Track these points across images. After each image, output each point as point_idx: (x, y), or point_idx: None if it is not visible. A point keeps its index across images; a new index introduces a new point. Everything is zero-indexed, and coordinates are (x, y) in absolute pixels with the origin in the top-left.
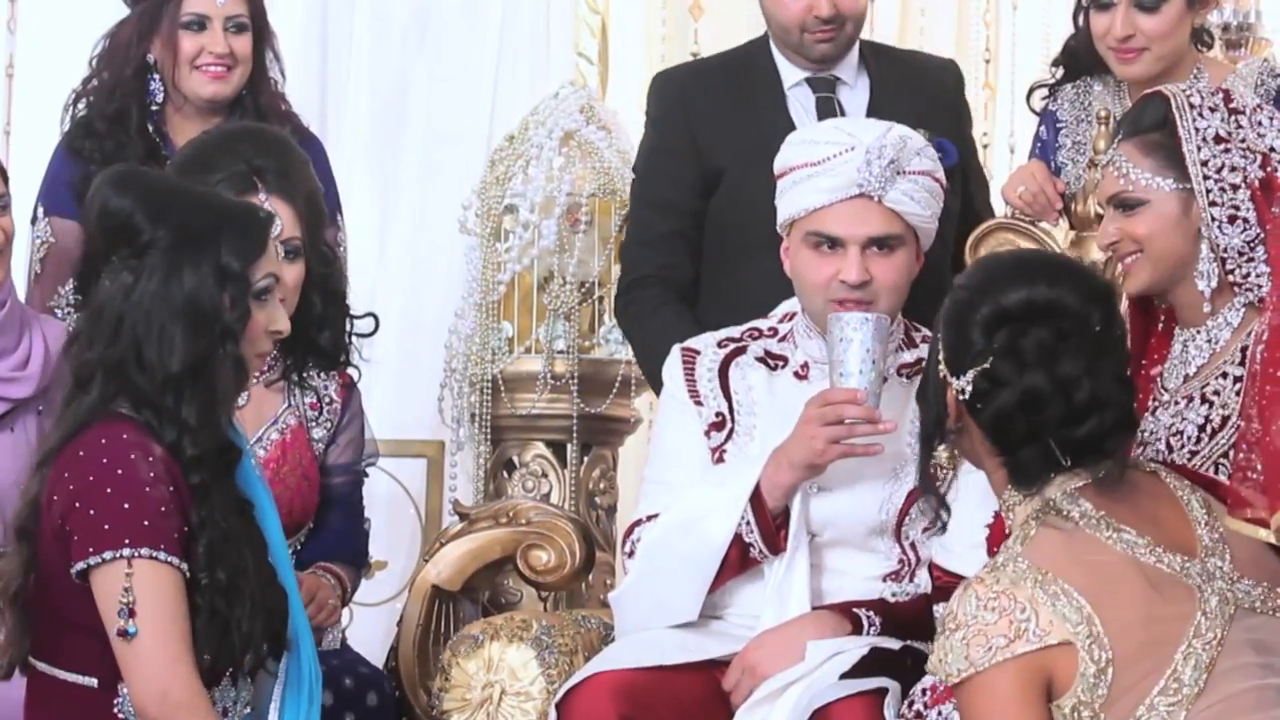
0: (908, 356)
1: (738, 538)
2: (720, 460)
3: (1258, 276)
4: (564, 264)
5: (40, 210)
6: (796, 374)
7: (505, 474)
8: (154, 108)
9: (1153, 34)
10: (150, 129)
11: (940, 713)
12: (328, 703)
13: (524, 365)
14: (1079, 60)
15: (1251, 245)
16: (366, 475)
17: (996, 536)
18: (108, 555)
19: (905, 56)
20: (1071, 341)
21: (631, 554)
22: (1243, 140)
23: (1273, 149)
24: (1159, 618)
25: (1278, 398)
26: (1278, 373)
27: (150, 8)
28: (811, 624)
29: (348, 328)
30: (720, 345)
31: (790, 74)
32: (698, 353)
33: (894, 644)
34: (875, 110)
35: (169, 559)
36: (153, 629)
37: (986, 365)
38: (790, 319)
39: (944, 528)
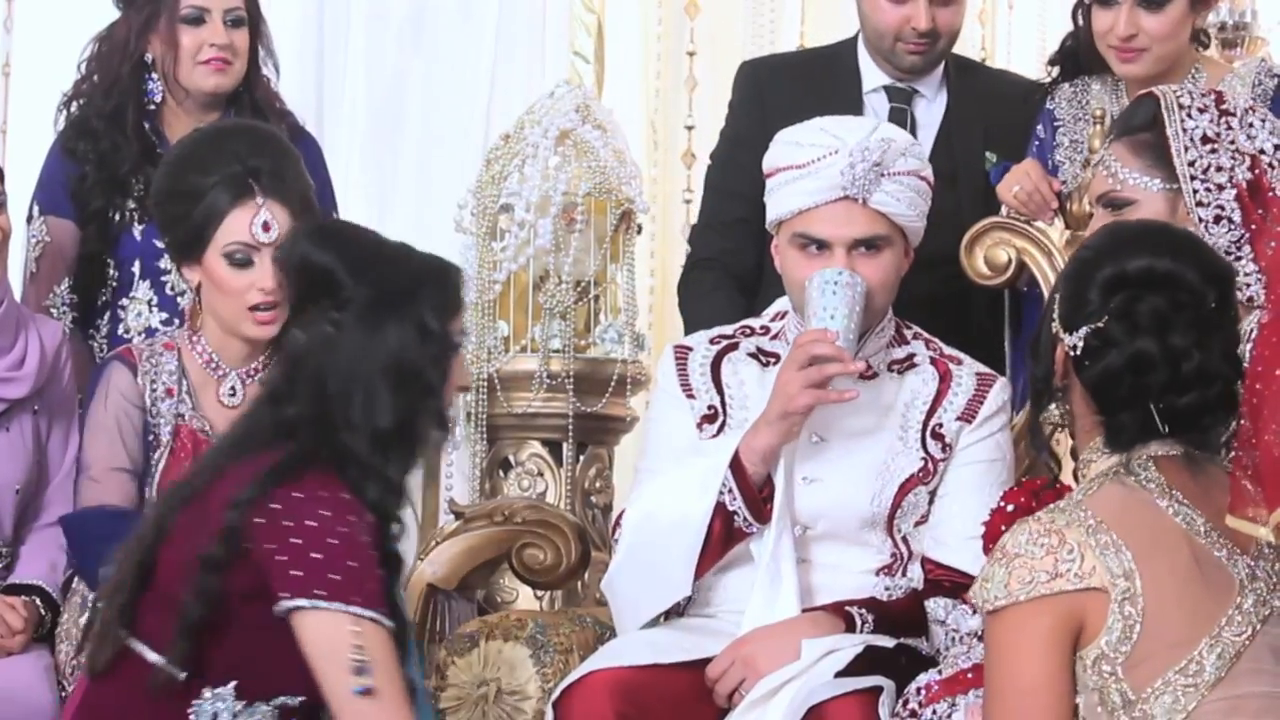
0: (898, 353)
1: (721, 508)
2: None
3: (1245, 276)
4: (560, 263)
5: (35, 209)
6: None
7: (501, 473)
8: (151, 106)
9: (1155, 34)
10: (146, 127)
11: (935, 711)
12: None
13: (520, 364)
14: (1076, 60)
15: (1237, 245)
16: None
17: (993, 531)
18: (335, 605)
19: (992, 76)
20: (1185, 314)
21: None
22: (1232, 141)
23: (1262, 151)
24: (1197, 598)
25: (1267, 397)
26: (1268, 371)
27: (146, 5)
28: (807, 623)
29: None
30: (713, 342)
31: (871, 79)
32: (690, 349)
33: (888, 642)
34: (947, 127)
35: (388, 624)
36: (391, 690)
37: (1100, 324)
38: (782, 318)
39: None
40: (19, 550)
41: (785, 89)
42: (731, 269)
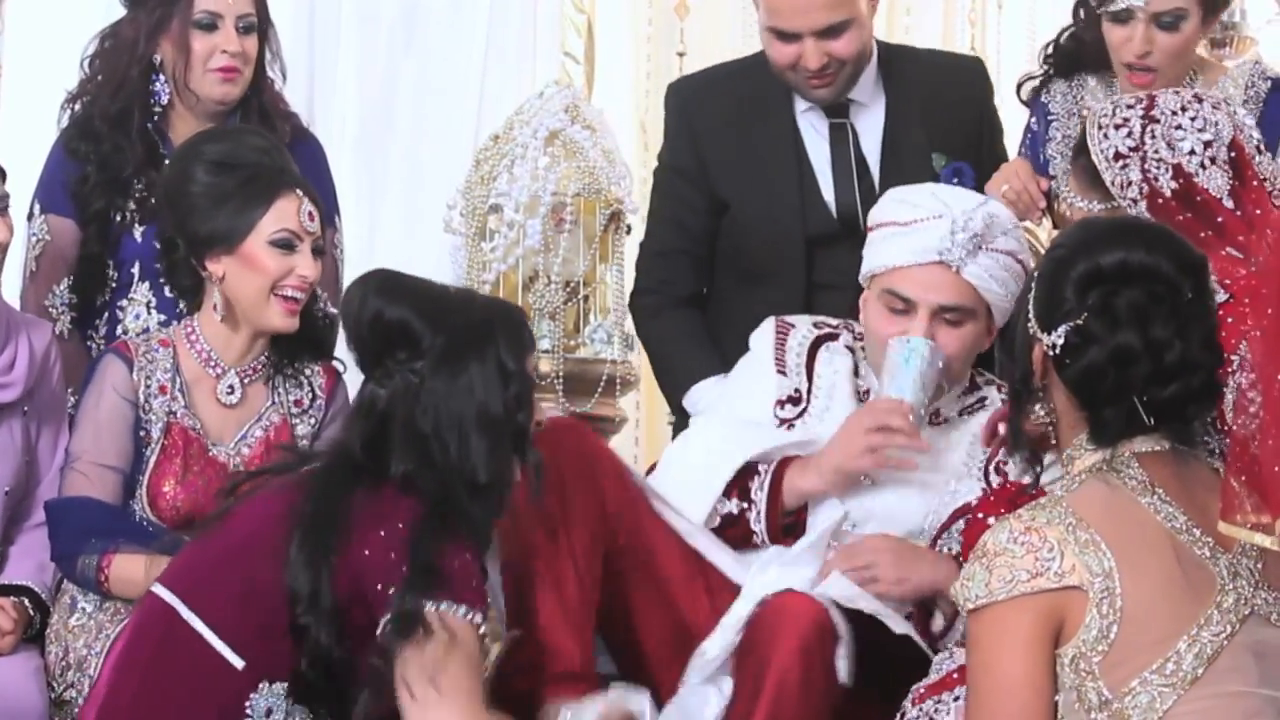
0: (970, 399)
1: (741, 515)
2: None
3: None
4: (549, 263)
5: (36, 208)
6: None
7: None
8: (157, 109)
9: (1170, 51)
10: (150, 129)
11: (921, 710)
12: None
13: None
14: (1072, 60)
15: None
16: None
17: (970, 543)
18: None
19: (924, 65)
20: (1164, 305)
21: None
22: (1156, 152)
23: (1192, 151)
24: (1176, 597)
25: (1267, 404)
26: (1268, 377)
27: (158, 7)
28: (929, 561)
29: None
30: (816, 325)
31: (803, 98)
32: (792, 326)
33: (905, 626)
34: (890, 132)
35: None
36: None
37: (1079, 321)
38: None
39: (1037, 480)
40: (8, 551)
41: (715, 114)
42: (671, 297)
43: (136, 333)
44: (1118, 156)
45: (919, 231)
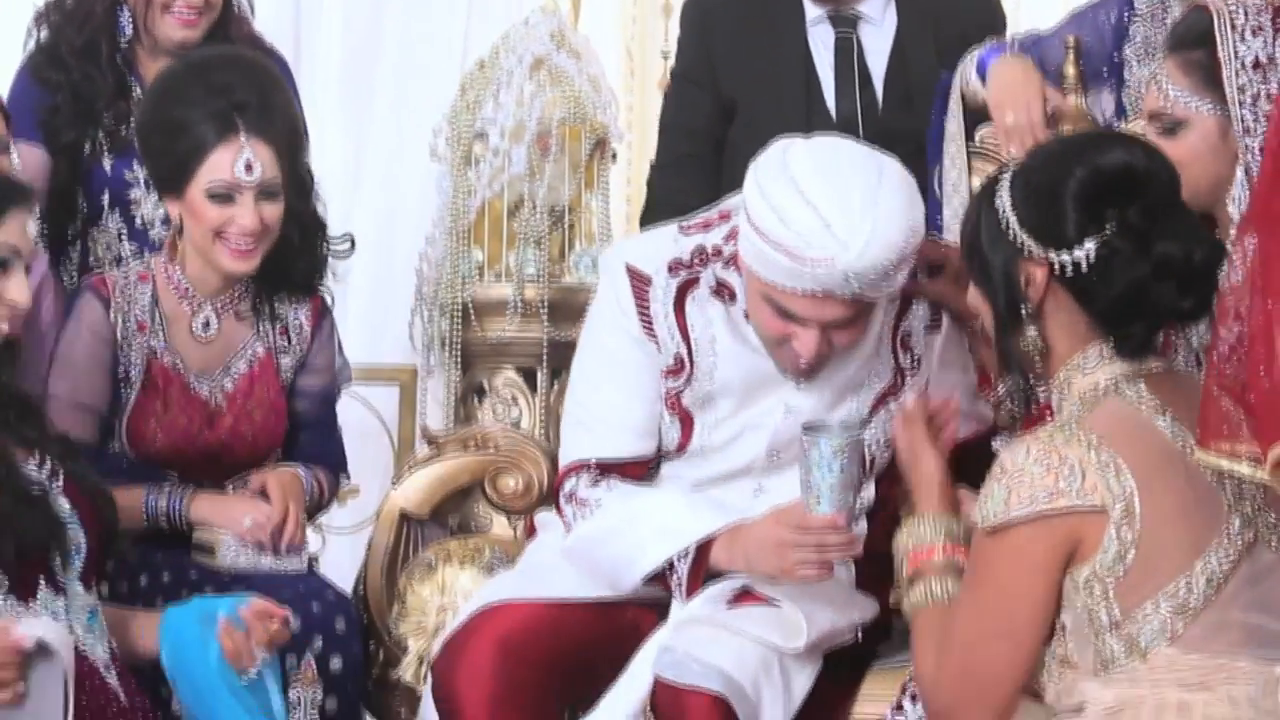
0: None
1: (661, 575)
2: (675, 405)
3: None
4: (534, 190)
5: None
6: (747, 316)
7: (475, 399)
8: (123, 42)
9: None
10: (118, 59)
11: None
12: (296, 628)
13: (494, 291)
14: None
15: None
16: (339, 394)
17: None
18: None
19: None
20: (1178, 209)
21: (577, 500)
22: None
23: None
24: (1190, 520)
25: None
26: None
27: None
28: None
29: (325, 251)
30: (671, 272)
31: (813, 8)
32: (648, 281)
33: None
34: (899, 49)
35: None
36: None
37: (1105, 236)
38: (735, 238)
39: (1028, 403)
40: None
41: (729, 24)
42: (679, 208)
43: (109, 262)
44: (1257, 65)
45: (810, 272)
